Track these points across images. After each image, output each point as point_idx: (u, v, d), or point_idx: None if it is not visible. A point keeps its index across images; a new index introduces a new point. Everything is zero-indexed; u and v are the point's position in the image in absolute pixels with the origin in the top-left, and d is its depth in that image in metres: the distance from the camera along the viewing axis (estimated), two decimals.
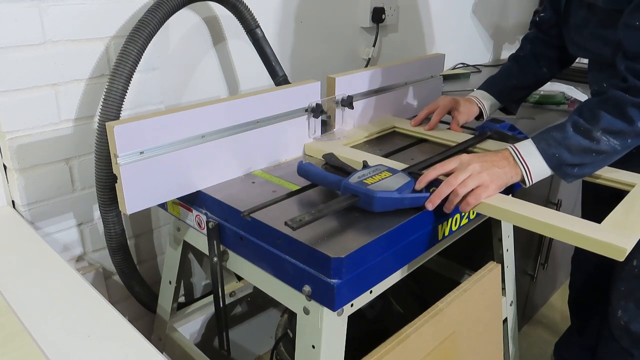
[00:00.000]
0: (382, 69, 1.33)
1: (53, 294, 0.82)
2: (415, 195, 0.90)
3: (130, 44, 1.01)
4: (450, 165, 0.93)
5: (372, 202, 0.86)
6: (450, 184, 0.89)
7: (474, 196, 0.89)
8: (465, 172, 0.90)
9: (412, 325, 1.00)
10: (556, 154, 0.92)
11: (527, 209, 0.87)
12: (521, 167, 0.93)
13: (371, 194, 0.86)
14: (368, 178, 0.91)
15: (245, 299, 1.59)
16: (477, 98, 1.32)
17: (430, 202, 0.89)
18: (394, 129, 1.35)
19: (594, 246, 0.79)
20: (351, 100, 1.21)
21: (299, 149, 1.17)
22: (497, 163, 0.92)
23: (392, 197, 0.87)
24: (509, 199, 0.91)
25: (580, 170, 0.93)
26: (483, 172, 0.90)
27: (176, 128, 0.93)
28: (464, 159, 0.93)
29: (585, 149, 0.91)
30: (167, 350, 1.29)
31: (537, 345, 1.86)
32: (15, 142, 1.02)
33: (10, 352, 0.70)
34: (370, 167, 0.97)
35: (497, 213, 0.89)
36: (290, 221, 0.78)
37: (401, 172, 0.95)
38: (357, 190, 0.88)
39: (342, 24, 1.69)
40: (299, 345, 0.89)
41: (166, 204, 1.09)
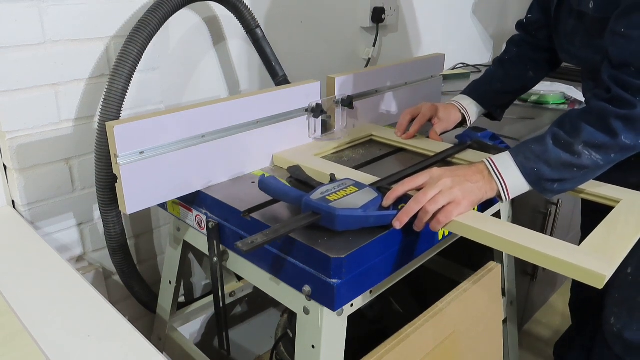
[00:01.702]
0: (382, 69, 1.33)
1: (53, 294, 0.82)
2: (382, 213, 0.83)
3: (130, 44, 1.01)
4: (420, 180, 0.86)
5: (334, 221, 0.79)
6: (419, 201, 0.83)
7: (445, 214, 0.83)
8: (435, 187, 0.83)
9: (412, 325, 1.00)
10: (535, 168, 0.86)
11: (501, 228, 0.81)
12: (497, 181, 0.88)
13: (332, 212, 0.79)
14: (332, 194, 0.84)
15: (245, 299, 1.59)
16: (460, 103, 1.27)
17: (398, 221, 0.83)
18: (371, 137, 1.28)
19: (570, 272, 0.73)
20: (351, 100, 1.21)
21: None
22: (470, 177, 0.86)
23: (356, 216, 0.80)
24: (483, 217, 0.85)
25: (561, 185, 0.88)
26: (455, 188, 0.84)
27: (176, 128, 0.93)
28: (434, 173, 0.87)
29: (566, 163, 0.85)
30: (167, 350, 1.29)
31: (537, 345, 1.86)
32: (15, 142, 1.02)
33: (10, 352, 0.70)
34: (337, 181, 0.90)
35: (470, 233, 0.82)
36: (241, 243, 0.74)
37: (368, 187, 0.88)
38: (318, 207, 0.81)
39: (342, 24, 1.69)
40: (299, 345, 0.89)
41: (166, 204, 1.09)
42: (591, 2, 0.95)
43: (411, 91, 1.44)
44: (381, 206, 0.85)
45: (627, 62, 0.84)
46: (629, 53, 0.84)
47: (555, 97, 1.79)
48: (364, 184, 0.89)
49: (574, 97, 1.76)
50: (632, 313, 1.13)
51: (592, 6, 0.94)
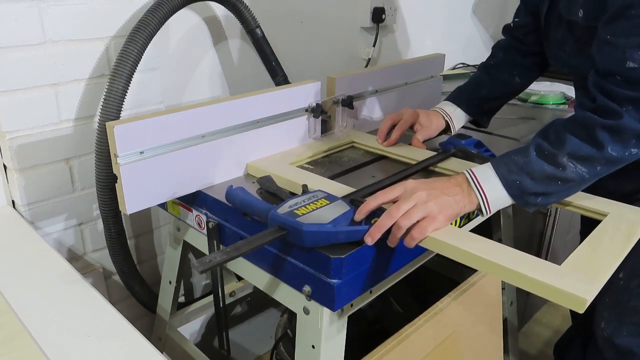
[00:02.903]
0: (382, 69, 1.33)
1: (53, 294, 0.82)
2: (353, 229, 0.78)
3: (130, 44, 1.01)
4: (394, 193, 0.82)
5: (301, 237, 0.75)
6: (391, 215, 0.78)
7: (419, 229, 0.78)
8: (409, 201, 0.79)
9: (412, 325, 1.00)
10: (517, 180, 0.82)
11: (479, 246, 0.75)
12: (477, 194, 0.83)
13: (299, 227, 0.75)
14: (300, 207, 0.79)
15: (245, 299, 1.59)
16: (443, 110, 1.23)
17: (370, 237, 0.77)
18: (352, 144, 1.23)
19: (550, 294, 0.68)
20: (351, 100, 1.21)
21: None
22: (447, 190, 0.82)
23: (324, 231, 0.76)
24: (460, 233, 0.80)
25: (545, 199, 0.83)
26: (430, 202, 0.79)
27: (176, 128, 0.93)
28: (409, 185, 0.82)
29: (550, 176, 0.81)
30: (167, 350, 1.29)
31: (537, 345, 1.86)
32: (15, 142, 1.02)
33: (10, 352, 0.70)
34: (308, 193, 0.85)
35: (446, 250, 0.77)
36: (198, 262, 0.69)
37: (340, 200, 0.83)
38: (284, 222, 0.77)
39: (342, 24, 1.69)
40: (299, 345, 0.89)
41: (166, 204, 1.09)
42: (580, 11, 0.92)
43: (411, 91, 1.44)
44: (353, 220, 0.80)
45: (613, 71, 0.80)
46: (615, 61, 0.80)
47: (555, 97, 1.79)
48: (336, 197, 0.84)
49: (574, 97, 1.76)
50: (622, 318, 1.10)
51: (582, 15, 0.92)
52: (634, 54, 0.78)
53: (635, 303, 1.07)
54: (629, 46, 0.78)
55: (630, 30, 0.79)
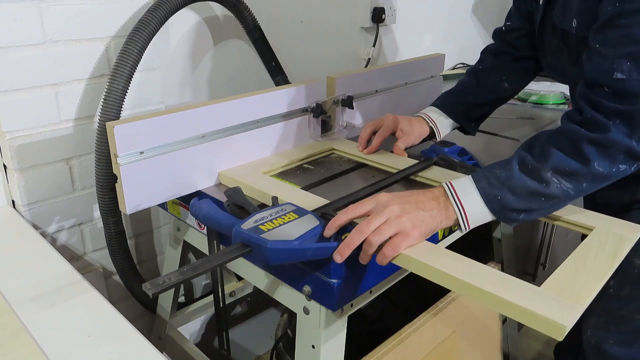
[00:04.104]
0: (382, 69, 1.33)
1: (53, 294, 0.82)
2: (321, 245, 0.73)
3: (130, 44, 1.01)
4: (365, 207, 0.76)
5: (265, 255, 0.70)
6: (361, 231, 0.72)
7: (391, 246, 0.73)
8: (381, 215, 0.73)
9: (412, 325, 1.00)
10: (498, 195, 0.77)
11: (455, 265, 0.71)
12: (456, 208, 0.78)
13: (263, 244, 0.69)
14: (267, 222, 0.74)
15: (245, 299, 1.59)
16: (428, 116, 1.18)
17: (339, 254, 0.73)
18: (332, 151, 1.19)
19: (526, 319, 0.63)
20: (351, 100, 1.21)
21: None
22: (422, 204, 0.77)
23: (289, 249, 0.70)
24: (435, 250, 0.74)
25: (527, 216, 0.79)
26: (403, 217, 0.74)
27: (176, 128, 0.93)
28: (381, 199, 0.76)
29: (532, 191, 0.76)
30: (167, 350, 1.29)
31: (537, 346, 1.86)
32: (15, 142, 1.02)
33: (10, 352, 0.70)
34: (277, 206, 0.79)
35: (419, 268, 0.72)
36: (150, 284, 0.64)
37: (310, 214, 0.78)
38: (248, 239, 0.71)
39: (342, 24, 1.69)
40: (299, 345, 0.89)
41: (166, 204, 1.09)
42: (574, 21, 0.89)
43: (411, 91, 1.44)
44: (322, 236, 0.75)
45: (601, 82, 0.76)
46: (603, 71, 0.76)
47: (555, 97, 1.79)
48: (306, 210, 0.79)
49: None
50: (610, 326, 1.07)
51: (576, 25, 0.88)
52: (622, 65, 0.74)
53: (625, 312, 1.04)
54: (617, 56, 0.75)
55: (619, 40, 0.75)
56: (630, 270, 0.99)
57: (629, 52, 0.74)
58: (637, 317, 1.03)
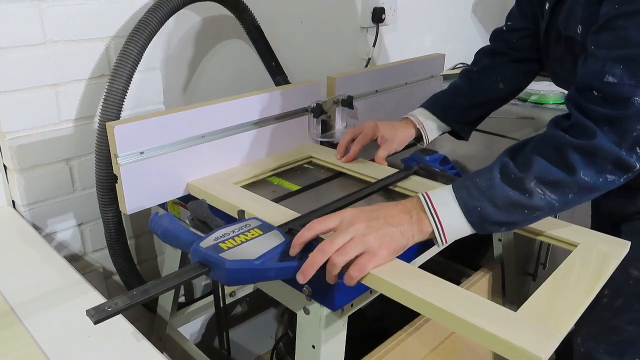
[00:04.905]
0: (382, 69, 1.33)
1: (53, 294, 0.82)
2: (283, 265, 0.68)
3: (130, 44, 1.01)
4: (329, 223, 0.71)
5: (223, 275, 0.65)
6: (324, 250, 0.67)
7: (357, 267, 0.67)
8: (346, 233, 0.68)
9: (412, 325, 1.00)
10: (478, 207, 0.72)
11: (426, 287, 0.65)
12: (432, 221, 0.72)
13: (221, 263, 0.64)
14: (228, 239, 0.68)
15: (245, 299, 1.59)
16: (416, 118, 1.12)
17: (302, 275, 0.67)
18: (310, 159, 1.13)
19: (499, 348, 0.58)
20: (351, 100, 1.21)
21: (299, 149, 1.17)
22: (392, 219, 0.71)
23: (249, 269, 0.65)
24: (407, 269, 0.69)
25: (508, 228, 0.75)
26: (370, 234, 0.68)
27: (176, 128, 0.93)
28: (346, 215, 0.71)
29: (514, 203, 0.71)
30: (167, 350, 1.29)
31: None
32: (15, 142, 1.02)
33: (10, 352, 0.70)
34: (241, 221, 0.74)
35: (389, 290, 0.67)
36: (93, 310, 0.58)
37: (276, 230, 0.72)
38: (206, 258, 0.66)
39: (342, 24, 1.69)
40: (299, 345, 0.89)
41: (166, 204, 1.09)
42: (579, 27, 0.85)
43: (411, 91, 1.44)
44: (286, 254, 0.70)
45: (591, 85, 0.72)
46: (594, 74, 0.71)
47: (555, 96, 1.79)
48: (272, 226, 0.73)
49: None
50: (601, 336, 1.04)
51: (580, 31, 0.84)
52: (614, 68, 0.69)
53: (617, 322, 1.01)
54: (609, 59, 0.70)
55: (613, 42, 0.71)
56: (626, 280, 0.96)
57: (622, 55, 0.69)
58: (630, 329, 1.00)
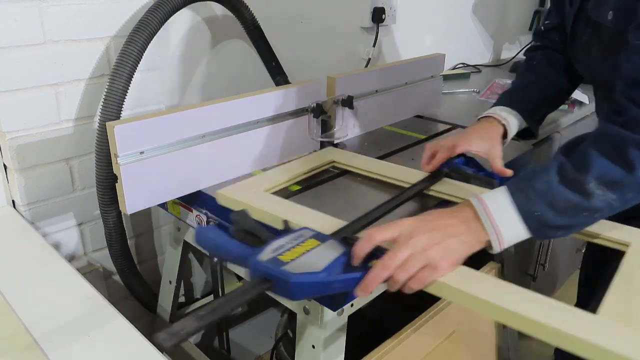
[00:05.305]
0: (382, 69, 1.33)
1: (53, 294, 0.82)
2: (348, 277, 0.65)
3: (130, 44, 1.01)
4: (388, 233, 0.69)
5: (288, 289, 0.61)
6: (387, 266, 0.66)
7: (417, 281, 0.66)
8: (406, 248, 0.66)
9: (412, 325, 1.00)
10: (537, 211, 0.69)
11: (493, 290, 0.64)
12: (490, 229, 0.69)
13: (286, 278, 0.60)
14: (285, 251, 0.64)
15: None
16: (499, 115, 1.05)
17: (363, 290, 0.66)
18: (332, 163, 1.10)
19: (590, 353, 0.56)
20: (351, 100, 1.21)
21: (300, 149, 1.17)
22: (451, 230, 0.69)
23: (316, 282, 0.62)
24: (469, 273, 0.68)
25: (565, 232, 0.72)
26: (431, 249, 0.66)
27: (176, 128, 0.93)
28: (405, 227, 0.69)
29: (574, 206, 0.69)
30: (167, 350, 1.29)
31: (537, 346, 1.86)
32: (15, 142, 1.02)
33: (10, 352, 0.70)
34: (293, 231, 0.70)
35: (455, 296, 0.66)
36: (165, 334, 0.55)
37: (332, 240, 0.69)
38: (268, 272, 0.62)
39: (342, 24, 1.69)
40: (299, 345, 0.89)
41: (166, 204, 1.09)
42: (610, 13, 0.84)
43: (411, 91, 1.44)
44: (348, 264, 0.67)
45: None
46: None
47: None
48: (326, 235, 0.71)
49: (574, 98, 1.76)
50: None
51: (611, 17, 0.84)
52: None
53: None
54: None
55: None
56: None
57: None
58: None
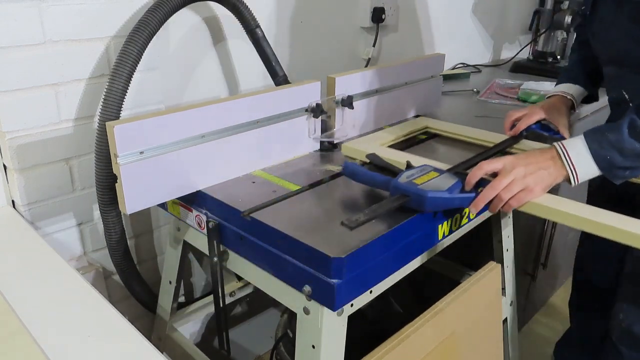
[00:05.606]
0: (382, 69, 1.33)
1: (53, 294, 0.82)
2: (464, 196, 0.91)
3: (130, 44, 1.01)
4: (495, 165, 0.92)
5: (424, 202, 0.87)
6: (494, 188, 0.89)
7: (517, 200, 0.89)
8: (509, 175, 0.89)
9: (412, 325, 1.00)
10: (608, 156, 0.89)
11: (569, 206, 0.88)
12: (568, 168, 0.91)
13: (423, 194, 0.86)
14: (417, 178, 0.91)
15: (245, 299, 1.59)
16: (566, 92, 1.26)
17: (475, 206, 0.90)
18: (426, 129, 1.36)
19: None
20: (351, 100, 1.21)
21: (299, 149, 1.17)
22: (542, 164, 0.91)
23: (444, 197, 0.88)
24: (553, 198, 0.91)
25: (632, 172, 0.91)
26: (528, 177, 0.89)
27: (176, 128, 0.93)
28: (507, 161, 0.92)
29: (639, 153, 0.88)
30: (167, 350, 1.29)
31: (537, 345, 1.86)
32: (15, 142, 1.02)
33: (10, 352, 0.70)
34: (416, 167, 0.97)
35: (540, 211, 0.90)
36: (346, 221, 0.79)
37: (447, 173, 0.95)
38: (407, 190, 0.88)
39: (342, 24, 1.69)
40: (299, 345, 0.89)
41: (166, 204, 1.09)
42: None
43: (411, 91, 1.44)
44: (462, 189, 0.92)
45: None
46: None
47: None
48: (443, 169, 0.96)
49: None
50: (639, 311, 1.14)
51: None
52: None
53: None
54: None
55: None
56: None
57: None
58: None
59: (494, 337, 1.24)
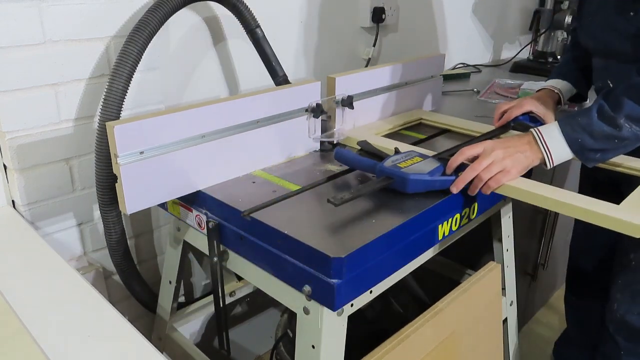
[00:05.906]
0: (382, 69, 1.33)
1: (53, 294, 0.82)
2: (445, 178, 0.97)
3: (130, 44, 1.01)
4: (476, 150, 0.97)
5: (406, 184, 0.94)
6: (474, 169, 0.95)
7: (495, 180, 0.95)
8: (488, 158, 0.95)
9: (412, 325, 1.00)
10: (579, 138, 0.95)
11: (545, 190, 0.93)
12: (543, 151, 0.97)
13: (405, 176, 0.94)
14: (401, 162, 0.98)
15: (245, 299, 1.59)
16: (554, 87, 1.29)
17: (455, 186, 0.95)
18: (420, 120, 1.42)
19: (612, 224, 0.84)
20: (351, 100, 1.21)
21: (299, 149, 1.17)
22: (519, 148, 0.97)
23: (424, 180, 0.95)
24: (528, 181, 0.96)
25: (603, 155, 0.97)
26: (506, 159, 0.95)
27: (176, 128, 0.93)
28: (487, 145, 0.97)
29: (608, 135, 0.94)
30: (167, 350, 1.29)
31: (537, 345, 1.86)
32: (15, 142, 1.02)
33: (10, 352, 0.70)
34: (402, 153, 1.03)
35: (517, 193, 0.95)
36: (332, 198, 0.85)
37: (431, 158, 1.02)
38: (391, 172, 0.95)
39: (342, 24, 1.69)
40: (299, 345, 0.89)
41: (166, 204, 1.09)
42: None
43: (411, 91, 1.44)
44: (443, 173, 0.98)
45: None
46: None
47: None
48: (427, 155, 1.03)
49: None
50: (635, 297, 1.16)
51: None
52: None
53: None
54: None
55: None
56: None
57: None
58: None
59: (494, 337, 1.24)
